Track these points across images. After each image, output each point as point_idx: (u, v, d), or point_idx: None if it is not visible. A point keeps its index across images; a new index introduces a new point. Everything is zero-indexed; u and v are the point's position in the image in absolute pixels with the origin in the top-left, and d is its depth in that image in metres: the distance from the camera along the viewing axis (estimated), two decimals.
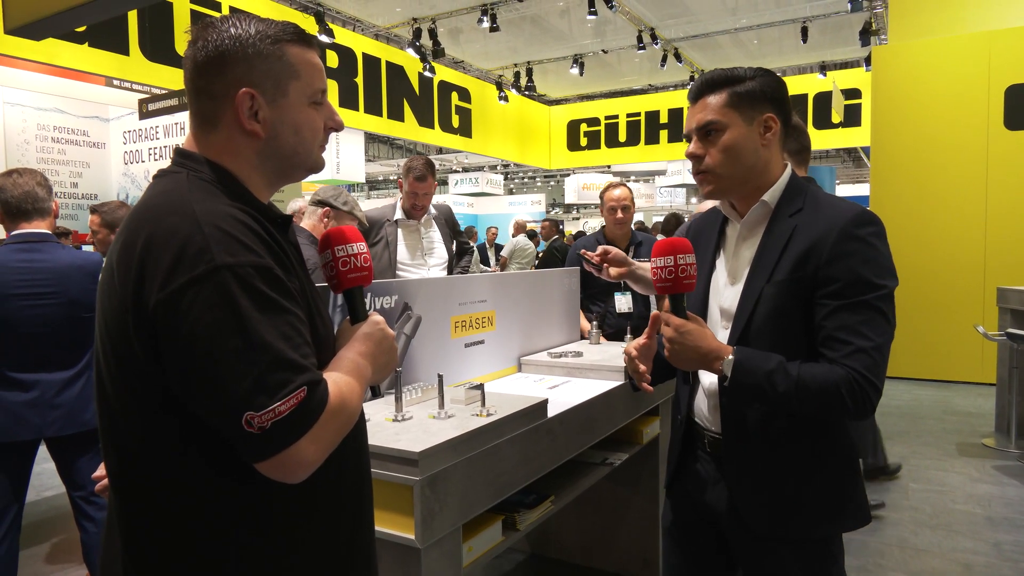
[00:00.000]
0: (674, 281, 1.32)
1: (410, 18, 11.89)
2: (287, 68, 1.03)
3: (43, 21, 3.74)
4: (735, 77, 1.36)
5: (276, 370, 0.87)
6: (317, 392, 0.90)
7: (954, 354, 6.84)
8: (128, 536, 0.98)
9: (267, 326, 0.88)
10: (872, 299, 1.25)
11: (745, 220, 1.43)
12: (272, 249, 0.96)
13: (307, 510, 1.01)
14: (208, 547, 0.95)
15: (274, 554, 0.98)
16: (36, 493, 4.11)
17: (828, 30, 12.74)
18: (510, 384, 2.58)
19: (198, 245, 0.88)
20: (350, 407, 0.97)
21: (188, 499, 0.94)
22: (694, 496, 1.52)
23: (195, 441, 0.93)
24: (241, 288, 0.88)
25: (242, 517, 0.95)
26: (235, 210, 0.95)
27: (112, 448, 0.99)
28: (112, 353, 0.95)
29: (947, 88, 6.99)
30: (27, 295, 2.37)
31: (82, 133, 9.18)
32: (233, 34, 1.00)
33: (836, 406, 1.24)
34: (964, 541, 3.30)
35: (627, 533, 3.00)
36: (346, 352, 1.05)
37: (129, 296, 0.90)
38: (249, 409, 0.85)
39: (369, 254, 1.18)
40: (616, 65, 15.24)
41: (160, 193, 0.98)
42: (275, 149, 1.04)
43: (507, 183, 23.99)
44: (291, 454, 0.88)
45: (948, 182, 6.97)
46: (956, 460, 4.62)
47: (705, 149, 1.37)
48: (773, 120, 1.37)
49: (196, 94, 1.03)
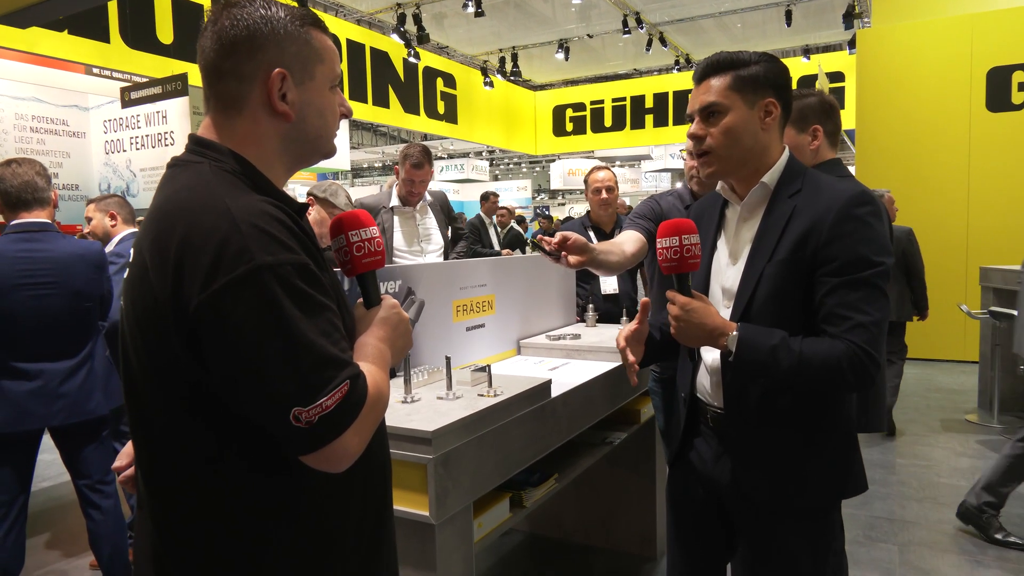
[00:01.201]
0: (679, 261, 1.36)
1: (394, 3, 11.79)
2: (314, 51, 1.03)
3: (29, 9, 3.69)
4: (739, 61, 1.39)
5: (321, 367, 0.88)
6: (358, 385, 0.92)
7: (938, 333, 6.97)
8: (160, 534, 0.98)
9: (309, 324, 0.89)
10: (870, 276, 1.30)
11: (745, 202, 1.47)
12: (304, 243, 0.96)
13: (338, 500, 1.02)
14: (241, 543, 0.96)
15: (307, 545, 0.99)
16: (34, 484, 4.10)
17: (811, 13, 12.80)
18: (511, 366, 2.62)
19: (237, 245, 0.88)
20: (385, 396, 0.99)
21: (220, 494, 0.95)
22: (698, 470, 1.56)
23: (228, 436, 0.94)
24: (282, 288, 0.88)
25: (275, 511, 0.96)
26: (268, 205, 0.94)
27: (144, 445, 0.99)
28: (144, 349, 0.95)
29: (930, 71, 7.08)
30: (29, 285, 2.37)
31: (61, 122, 9.02)
32: (264, 14, 0.99)
33: (838, 380, 1.29)
34: (949, 513, 3.41)
35: (625, 512, 3.07)
36: (368, 339, 1.06)
37: (168, 295, 0.90)
38: (297, 405, 0.87)
39: (382, 238, 1.19)
40: (601, 50, 15.22)
41: (187, 187, 0.96)
42: (301, 132, 1.04)
43: (492, 169, 23.94)
44: (338, 445, 0.90)
45: (931, 164, 7.08)
46: (941, 436, 4.74)
47: (706, 130, 1.41)
48: (774, 105, 1.41)
49: (220, 76, 1.00)
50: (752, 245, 1.43)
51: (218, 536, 0.95)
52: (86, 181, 8.29)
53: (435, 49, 13.79)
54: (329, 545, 1.01)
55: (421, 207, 3.61)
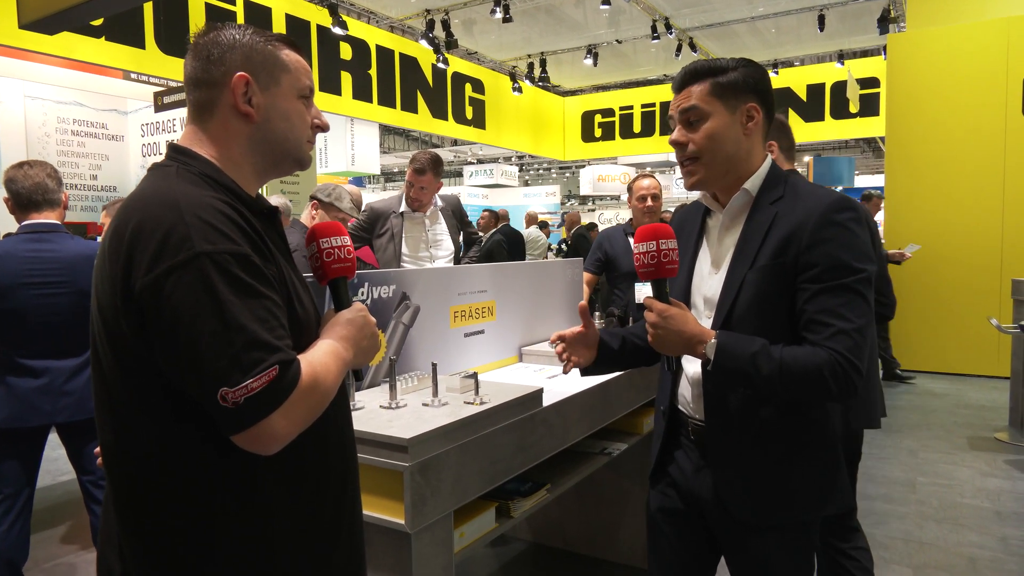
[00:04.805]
0: (657, 266, 1.34)
1: (423, 9, 11.88)
2: (279, 62, 1.13)
3: (56, 16, 3.79)
4: (718, 68, 1.37)
5: (250, 349, 0.93)
6: (289, 371, 0.96)
7: (968, 347, 6.75)
8: (121, 510, 1.04)
9: (243, 309, 0.94)
10: (851, 282, 1.27)
11: (727, 209, 1.44)
12: (250, 237, 1.02)
13: (290, 483, 1.06)
14: (195, 517, 1.00)
15: (258, 523, 1.03)
16: (52, 478, 4.21)
17: (847, 18, 12.55)
18: (510, 374, 2.59)
19: (180, 233, 0.95)
20: (323, 386, 1.02)
21: (177, 471, 1.00)
22: (678, 484, 1.53)
23: (183, 415, 0.99)
24: (219, 273, 0.94)
25: (227, 488, 1.01)
26: (217, 201, 1.01)
27: (107, 427, 1.05)
28: (106, 335, 1.02)
29: (964, 76, 6.88)
30: (37, 284, 2.42)
31: (101, 126, 9.31)
32: (232, 33, 1.11)
33: (820, 388, 1.25)
34: (970, 535, 3.28)
35: (629, 523, 3.02)
36: (326, 335, 1.11)
37: (119, 281, 0.97)
38: (224, 385, 0.91)
39: (352, 247, 1.22)
40: (631, 55, 15.14)
41: (150, 185, 1.05)
42: (266, 134, 1.12)
43: (522, 174, 23.96)
44: (263, 428, 0.94)
45: (964, 172, 6.87)
46: (967, 454, 4.58)
47: (688, 136, 1.39)
48: (755, 110, 1.38)
49: (195, 86, 1.11)
50: (734, 252, 1.40)
51: (172, 511, 1.00)
52: (123, 183, 8.51)
53: (464, 55, 13.86)
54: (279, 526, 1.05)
55: (432, 213, 3.61)
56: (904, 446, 4.65)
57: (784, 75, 13.55)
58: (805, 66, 14.21)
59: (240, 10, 8.38)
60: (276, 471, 1.04)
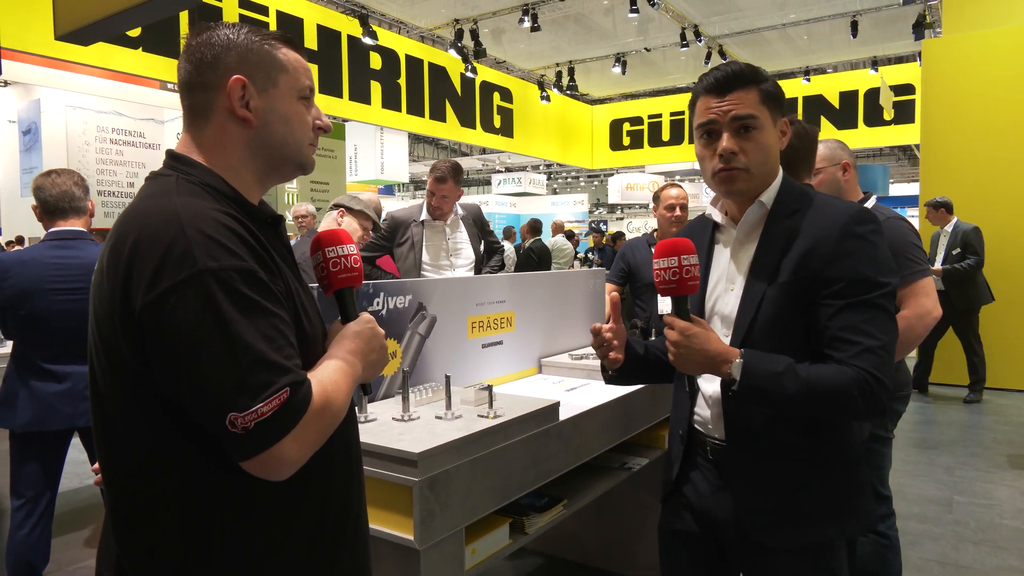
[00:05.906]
0: (678, 283, 1.29)
1: (452, 19, 11.96)
2: (276, 62, 1.07)
3: (90, 27, 3.87)
4: (759, 75, 1.32)
5: (258, 371, 0.89)
6: (300, 392, 0.92)
7: (1011, 360, 6.53)
8: (119, 525, 1.01)
9: (249, 328, 0.90)
10: (875, 298, 1.22)
11: (742, 223, 1.39)
12: (255, 251, 0.97)
13: (294, 501, 1.03)
14: (193, 532, 0.97)
15: (258, 539, 1.00)
16: (79, 480, 4.27)
17: (880, 24, 12.32)
18: (528, 386, 2.56)
19: (181, 249, 0.90)
20: (335, 406, 0.98)
21: (175, 490, 0.96)
22: (692, 505, 1.48)
23: (184, 434, 0.95)
24: (223, 292, 0.89)
25: (227, 504, 0.97)
26: (219, 213, 0.97)
27: (104, 442, 1.02)
28: (103, 351, 0.98)
29: (1001, 81, 6.69)
30: (61, 290, 2.46)
31: (138, 135, 9.54)
32: (226, 33, 1.06)
33: (848, 407, 1.21)
34: (1010, 559, 3.15)
35: (648, 537, 2.95)
36: (334, 350, 1.06)
37: (117, 298, 0.93)
38: (232, 410, 0.87)
39: (359, 256, 1.18)
40: (659, 63, 15.05)
41: (148, 196, 1.00)
42: (265, 138, 1.07)
43: (550, 183, 23.93)
44: (274, 453, 0.90)
45: (1002, 179, 6.66)
46: (1007, 472, 4.40)
47: (739, 146, 1.32)
48: (786, 125, 1.36)
49: (190, 89, 1.06)
50: (750, 268, 1.34)
51: (171, 529, 0.97)
52: None
53: (492, 64, 13.91)
54: (281, 544, 1.01)
55: (452, 221, 3.60)
56: (940, 463, 4.49)
57: (816, 82, 13.34)
58: (838, 73, 13.98)
59: (272, 20, 8.51)
60: (277, 486, 0.99)
